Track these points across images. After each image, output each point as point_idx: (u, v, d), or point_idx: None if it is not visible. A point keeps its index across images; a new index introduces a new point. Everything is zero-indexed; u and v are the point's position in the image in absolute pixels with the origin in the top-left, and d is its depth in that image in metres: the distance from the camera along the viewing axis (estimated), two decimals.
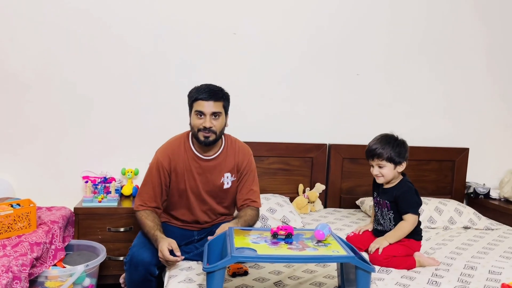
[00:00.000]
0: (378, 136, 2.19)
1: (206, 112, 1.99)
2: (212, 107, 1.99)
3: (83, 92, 2.81)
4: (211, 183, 2.11)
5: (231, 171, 2.15)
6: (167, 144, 2.17)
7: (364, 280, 1.51)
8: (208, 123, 1.98)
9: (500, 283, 1.88)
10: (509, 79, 3.37)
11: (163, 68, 2.88)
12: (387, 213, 2.13)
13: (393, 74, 3.19)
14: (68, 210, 2.60)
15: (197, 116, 2.02)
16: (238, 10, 2.93)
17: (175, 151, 2.10)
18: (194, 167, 2.09)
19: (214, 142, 2.06)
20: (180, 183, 2.10)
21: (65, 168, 2.83)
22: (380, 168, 2.12)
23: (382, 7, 3.12)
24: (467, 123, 3.33)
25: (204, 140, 2.02)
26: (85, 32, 2.76)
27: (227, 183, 2.14)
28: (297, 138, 3.06)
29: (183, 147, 2.11)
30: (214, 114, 2.01)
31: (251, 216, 2.10)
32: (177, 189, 2.11)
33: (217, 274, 1.47)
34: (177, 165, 2.08)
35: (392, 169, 2.11)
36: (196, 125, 2.02)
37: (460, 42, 3.26)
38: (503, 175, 3.36)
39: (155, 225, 1.97)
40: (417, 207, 2.09)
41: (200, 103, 2.00)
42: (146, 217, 2.02)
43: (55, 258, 2.16)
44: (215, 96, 2.01)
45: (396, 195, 2.09)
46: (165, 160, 2.08)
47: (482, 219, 2.85)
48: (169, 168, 2.09)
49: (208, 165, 2.10)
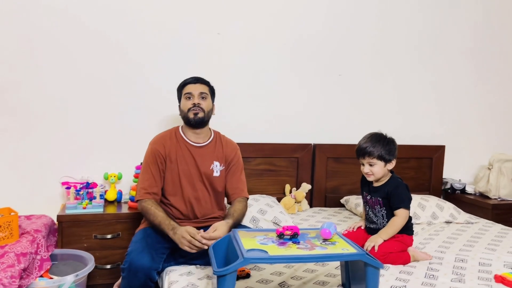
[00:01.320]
0: (368, 134, 2.21)
1: (194, 93, 2.19)
2: (199, 88, 2.20)
3: (59, 94, 2.68)
4: (202, 169, 2.19)
5: (219, 160, 2.25)
6: (159, 135, 2.27)
7: (374, 276, 1.52)
8: (197, 100, 2.17)
9: (492, 275, 1.95)
10: (482, 80, 3.52)
11: (144, 69, 2.80)
12: (380, 210, 2.16)
13: (373, 75, 3.26)
14: (49, 218, 2.48)
15: (186, 98, 2.20)
16: (222, 10, 2.90)
17: (167, 139, 2.22)
18: (186, 153, 2.19)
19: (203, 122, 2.18)
20: (173, 169, 2.17)
21: (42, 174, 2.69)
22: (371, 166, 2.15)
23: (366, 11, 3.18)
24: (443, 121, 3.45)
25: (193, 118, 2.15)
26: (60, 31, 2.64)
27: (216, 171, 2.23)
28: (283, 139, 3.06)
29: (175, 136, 2.23)
30: (202, 95, 2.19)
31: (240, 211, 2.17)
32: (171, 176, 2.18)
33: (228, 277, 1.44)
34: (171, 152, 2.18)
35: (383, 166, 2.14)
36: (186, 106, 2.18)
37: (438, 44, 3.37)
38: (476, 170, 3.51)
39: (166, 216, 2.02)
40: (408, 202, 2.13)
41: (188, 87, 2.21)
42: (156, 207, 2.06)
43: (41, 268, 2.05)
44: (201, 80, 2.25)
45: (388, 192, 2.12)
46: (159, 147, 2.18)
47: (462, 213, 2.96)
48: (164, 154, 2.18)
49: (198, 151, 2.21)
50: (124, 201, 2.71)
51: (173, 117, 2.82)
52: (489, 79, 3.53)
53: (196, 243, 1.85)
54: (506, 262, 2.12)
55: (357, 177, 3.21)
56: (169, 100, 2.82)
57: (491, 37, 3.49)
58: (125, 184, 2.81)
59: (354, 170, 3.21)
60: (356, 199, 3.04)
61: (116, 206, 2.63)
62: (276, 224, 2.54)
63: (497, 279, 1.89)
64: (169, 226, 1.95)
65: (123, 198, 2.72)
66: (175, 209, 2.19)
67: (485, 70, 3.52)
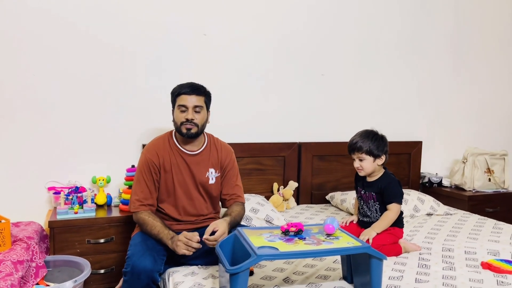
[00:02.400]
0: (360, 131, 2.30)
1: (188, 105, 2.09)
2: (194, 101, 2.10)
3: (42, 95, 2.61)
4: (197, 177, 2.16)
5: (215, 167, 2.22)
6: (152, 142, 2.21)
7: (377, 267, 1.60)
8: (191, 115, 2.08)
9: (478, 262, 2.08)
10: (456, 79, 3.69)
11: (131, 70, 2.78)
12: (374, 204, 2.25)
13: (355, 75, 3.36)
14: (38, 225, 2.43)
15: (180, 110, 2.11)
16: (207, 11, 2.91)
17: (161, 147, 2.16)
18: (180, 162, 2.15)
19: (196, 136, 2.14)
20: (168, 178, 2.14)
21: (27, 179, 2.61)
22: (361, 161, 2.22)
23: (347, 12, 3.28)
24: (420, 118, 3.60)
25: (186, 132, 2.10)
26: (45, 31, 2.58)
27: (212, 178, 2.20)
28: (270, 138, 3.11)
29: (168, 144, 2.18)
30: (196, 108, 2.11)
31: (238, 212, 2.19)
32: (165, 186, 2.15)
33: (241, 275, 1.47)
34: (165, 161, 2.14)
35: (372, 162, 2.22)
36: (179, 119, 2.11)
37: (415, 44, 3.51)
38: (451, 164, 3.68)
39: (164, 225, 2.02)
40: (400, 197, 2.23)
41: (182, 98, 2.11)
42: (154, 218, 2.04)
43: (37, 276, 2.01)
44: (197, 91, 2.13)
45: (381, 187, 2.21)
46: (154, 157, 2.13)
47: (441, 206, 3.10)
48: (158, 164, 2.13)
49: (193, 160, 2.17)
50: (114, 205, 2.68)
51: (161, 119, 2.81)
52: (462, 79, 3.72)
53: (193, 244, 1.86)
54: (489, 249, 2.25)
55: (341, 174, 3.34)
56: (156, 101, 2.82)
57: (465, 37, 3.68)
58: (114, 187, 2.77)
59: (338, 168, 3.31)
60: (341, 195, 3.13)
61: (107, 210, 2.59)
62: (268, 222, 2.59)
63: (484, 266, 2.01)
64: (168, 235, 1.96)
65: (113, 202, 2.68)
66: (168, 216, 2.17)
67: (459, 71, 3.70)
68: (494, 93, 3.85)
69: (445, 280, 1.86)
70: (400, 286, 1.79)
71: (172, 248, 1.91)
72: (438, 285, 1.80)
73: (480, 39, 3.74)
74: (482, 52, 3.76)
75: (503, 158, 3.48)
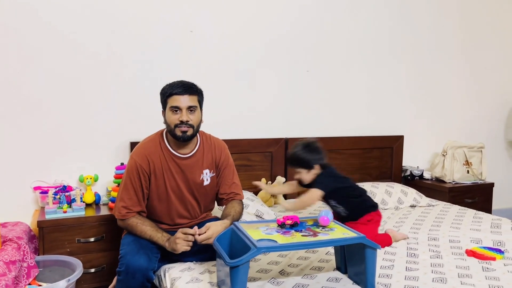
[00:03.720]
0: (294, 146, 2.29)
1: (182, 106, 1.97)
2: (188, 101, 1.98)
3: (26, 93, 2.55)
4: (191, 181, 2.08)
5: (209, 167, 2.13)
6: (142, 145, 2.09)
7: (372, 257, 1.65)
8: (185, 117, 1.96)
9: (463, 250, 2.17)
10: (435, 76, 3.80)
11: (118, 67, 2.75)
12: (336, 205, 2.25)
13: (340, 72, 3.42)
14: (25, 225, 2.39)
15: (173, 112, 1.98)
16: (194, 7, 2.91)
17: (151, 152, 2.04)
18: (173, 167, 2.04)
19: (192, 138, 2.03)
20: (159, 184, 2.04)
21: (11, 179, 2.56)
22: (299, 173, 2.26)
23: (333, 10, 3.33)
24: (401, 113, 3.70)
25: (182, 135, 1.98)
26: (29, 30, 2.52)
27: (207, 179, 2.12)
28: (257, 134, 3.14)
29: (159, 147, 2.05)
30: (190, 108, 1.99)
31: (237, 211, 2.12)
32: (156, 191, 2.05)
33: (242, 268, 1.50)
34: (156, 166, 2.02)
35: (306, 173, 2.24)
36: (173, 121, 1.98)
37: (392, 42, 3.60)
38: (431, 157, 3.80)
39: (156, 228, 1.96)
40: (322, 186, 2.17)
41: (175, 98, 1.97)
42: (142, 223, 1.97)
43: (29, 276, 1.98)
44: (190, 90, 2.00)
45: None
46: (143, 162, 2.01)
47: (424, 198, 3.21)
48: (149, 170, 2.02)
49: (186, 163, 2.07)
50: (103, 203, 2.65)
51: (149, 116, 2.79)
52: (442, 75, 3.84)
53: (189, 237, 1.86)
54: (472, 238, 2.35)
55: None
56: (143, 97, 2.81)
57: (445, 33, 3.79)
58: (101, 185, 2.74)
59: None
60: None
61: (95, 208, 2.57)
62: (259, 216, 2.61)
63: (468, 253, 2.10)
64: (163, 238, 1.93)
65: (102, 200, 2.66)
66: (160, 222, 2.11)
67: (439, 67, 3.81)
68: (472, 89, 3.99)
69: (433, 267, 1.94)
70: (392, 274, 1.85)
71: (171, 249, 1.88)
72: (427, 272, 1.88)
73: (459, 35, 3.86)
74: (461, 48, 3.89)
75: (480, 150, 3.62)
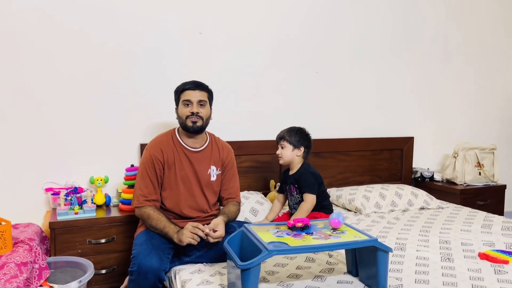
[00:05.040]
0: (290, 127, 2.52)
1: (193, 100, 2.17)
2: (198, 96, 2.19)
3: (38, 95, 2.58)
4: (199, 173, 2.22)
5: (216, 165, 2.28)
6: (156, 139, 2.26)
7: (384, 260, 1.63)
8: (196, 108, 2.16)
9: (475, 253, 2.14)
10: (445, 77, 3.78)
11: (128, 69, 2.77)
12: (296, 196, 2.42)
13: (350, 74, 3.41)
14: (37, 226, 2.41)
15: (185, 105, 2.19)
16: (203, 10, 2.92)
17: (165, 144, 2.21)
18: (183, 159, 2.20)
19: (201, 130, 2.21)
20: (171, 174, 2.18)
21: (23, 180, 2.58)
22: (282, 149, 2.46)
23: (341, 12, 3.33)
24: (411, 115, 3.68)
25: (192, 126, 2.16)
26: (40, 31, 2.55)
27: (213, 175, 2.26)
28: (266, 136, 3.13)
29: (172, 141, 2.23)
30: (200, 102, 2.19)
31: (234, 212, 2.26)
32: (168, 181, 2.18)
33: (253, 270, 1.49)
34: (169, 157, 2.19)
35: (291, 150, 2.44)
36: (184, 113, 2.17)
37: (405, 45, 3.58)
38: (442, 159, 3.77)
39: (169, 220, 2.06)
40: (312, 187, 2.37)
41: (187, 93, 2.19)
42: (159, 213, 2.08)
43: (40, 278, 1.99)
44: (201, 87, 2.22)
45: (296, 178, 2.40)
46: (158, 153, 2.18)
47: (434, 200, 3.18)
48: (163, 160, 2.18)
49: (196, 156, 2.23)
50: (113, 205, 2.67)
51: (159, 118, 2.82)
52: (453, 75, 3.81)
53: (198, 232, 1.93)
54: (484, 240, 2.32)
55: (336, 170, 3.39)
56: (153, 100, 2.82)
57: (455, 33, 3.77)
58: (111, 187, 2.76)
59: (333, 164, 3.36)
60: (336, 191, 3.18)
61: (106, 210, 2.58)
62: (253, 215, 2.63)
63: (481, 257, 2.08)
64: (174, 229, 2.01)
65: (112, 202, 2.67)
66: (170, 212, 2.20)
67: (449, 67, 3.79)
68: (484, 89, 3.96)
69: (444, 270, 1.92)
70: (402, 277, 1.83)
71: (178, 241, 1.95)
72: (438, 276, 1.86)
73: (470, 35, 3.84)
74: (472, 48, 3.85)
75: (492, 152, 3.58)
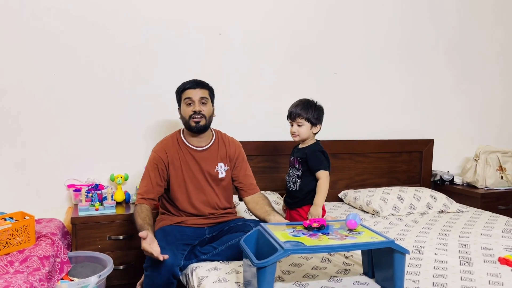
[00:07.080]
0: (300, 100, 2.36)
1: (194, 98, 2.17)
2: (200, 94, 2.19)
3: (62, 95, 2.66)
4: (206, 171, 2.23)
5: (223, 161, 2.28)
6: (161, 141, 2.30)
7: (400, 262, 1.62)
8: (198, 107, 2.16)
9: (495, 258, 2.11)
10: (466, 78, 3.73)
11: (149, 69, 2.82)
12: (298, 168, 2.33)
13: (366, 74, 3.39)
14: (59, 221, 2.47)
15: (187, 104, 2.19)
16: (223, 11, 2.95)
17: (169, 145, 2.23)
18: (189, 158, 2.22)
19: (205, 128, 2.21)
20: (178, 175, 2.20)
21: (46, 177, 2.67)
22: (299, 127, 2.31)
23: (358, 11, 3.31)
24: (431, 117, 3.63)
25: (195, 126, 2.16)
26: (63, 31, 2.62)
27: (221, 172, 2.27)
28: (283, 136, 3.13)
29: (177, 142, 2.25)
30: (202, 100, 2.19)
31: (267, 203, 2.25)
32: (176, 182, 2.21)
33: (269, 269, 1.50)
34: (174, 158, 2.21)
35: (309, 128, 2.32)
36: (187, 113, 2.18)
37: (425, 44, 3.54)
38: (462, 162, 3.71)
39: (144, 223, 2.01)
40: (326, 164, 2.28)
41: (188, 92, 2.19)
42: (139, 214, 2.07)
43: (62, 271, 2.05)
44: (201, 85, 2.22)
45: (307, 153, 2.30)
46: (162, 154, 2.20)
47: (454, 203, 3.13)
48: (167, 161, 2.20)
49: (201, 155, 2.24)
50: (132, 202, 2.72)
51: (178, 116, 2.85)
52: (473, 77, 3.75)
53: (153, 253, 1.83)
54: (505, 245, 2.28)
55: (354, 172, 3.38)
56: (172, 100, 2.85)
57: (470, 37, 3.70)
58: (130, 185, 2.81)
59: (351, 165, 3.35)
60: (354, 193, 3.16)
61: (125, 207, 2.63)
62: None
63: (501, 261, 2.04)
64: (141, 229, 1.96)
65: (131, 199, 2.72)
66: (184, 212, 2.22)
67: (470, 69, 3.73)
68: (506, 91, 3.88)
69: (463, 274, 1.90)
70: (419, 280, 1.82)
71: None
72: (456, 280, 1.83)
73: (495, 36, 3.77)
74: (492, 50, 3.78)
75: None
